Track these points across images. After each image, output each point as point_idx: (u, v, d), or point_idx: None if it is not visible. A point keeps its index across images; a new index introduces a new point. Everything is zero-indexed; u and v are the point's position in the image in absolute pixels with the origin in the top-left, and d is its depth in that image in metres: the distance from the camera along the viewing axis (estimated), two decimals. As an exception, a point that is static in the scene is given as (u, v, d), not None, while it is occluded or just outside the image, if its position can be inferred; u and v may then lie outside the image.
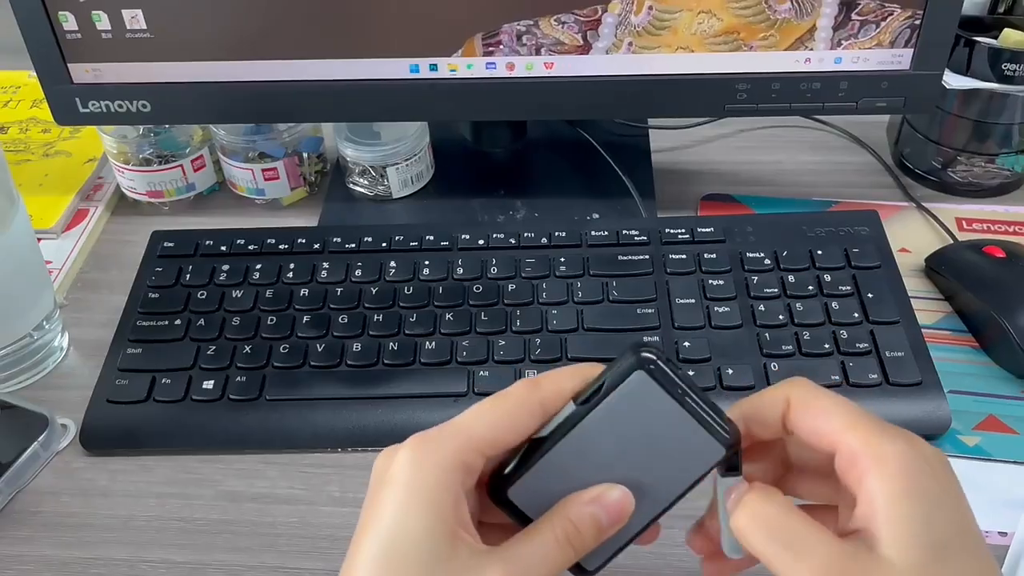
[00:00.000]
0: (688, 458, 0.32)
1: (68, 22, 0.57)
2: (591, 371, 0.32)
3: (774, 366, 0.51)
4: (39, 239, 0.57)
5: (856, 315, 0.53)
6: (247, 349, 0.53)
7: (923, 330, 0.53)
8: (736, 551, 0.33)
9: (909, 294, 0.55)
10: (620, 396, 0.31)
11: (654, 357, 0.31)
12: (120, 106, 0.60)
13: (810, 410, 0.32)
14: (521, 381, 0.32)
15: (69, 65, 0.59)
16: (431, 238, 0.59)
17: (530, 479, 0.32)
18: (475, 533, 0.31)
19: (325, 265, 0.58)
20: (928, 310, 0.56)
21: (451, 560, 0.29)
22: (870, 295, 0.54)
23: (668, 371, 0.31)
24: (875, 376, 0.50)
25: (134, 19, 0.57)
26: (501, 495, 0.32)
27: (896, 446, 0.30)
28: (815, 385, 0.33)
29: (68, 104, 0.60)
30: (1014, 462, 0.48)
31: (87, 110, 0.60)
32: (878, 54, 0.56)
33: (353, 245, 0.59)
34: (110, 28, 0.57)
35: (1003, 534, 0.45)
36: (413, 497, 0.30)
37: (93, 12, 0.56)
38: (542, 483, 0.32)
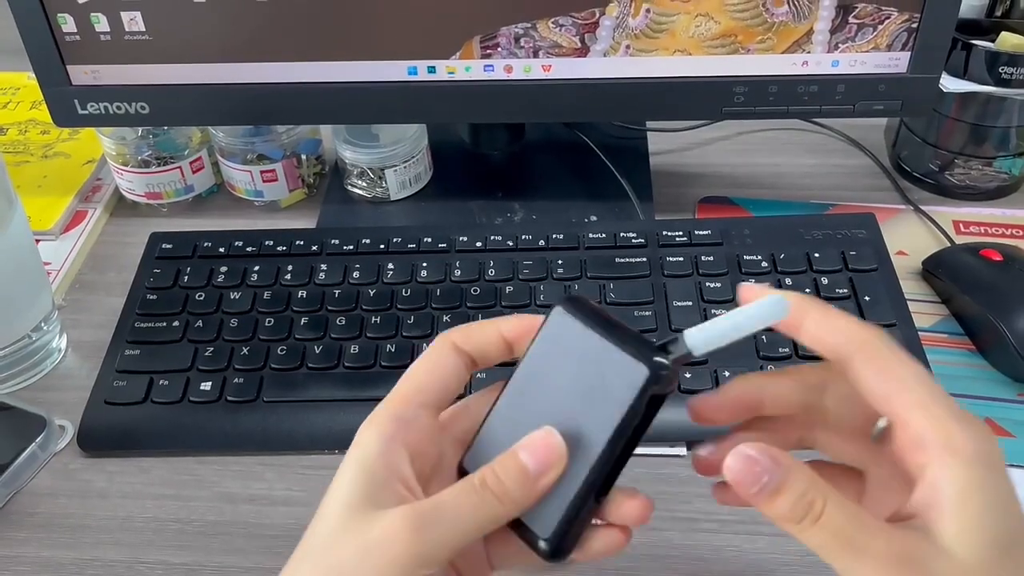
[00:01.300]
0: (618, 390, 0.30)
1: (67, 24, 0.57)
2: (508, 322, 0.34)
3: (771, 368, 0.51)
4: (37, 240, 0.57)
5: (853, 318, 0.53)
6: (245, 350, 0.54)
7: (920, 333, 0.53)
8: None
9: (906, 297, 0.55)
10: (544, 338, 0.31)
11: (576, 297, 0.32)
12: (119, 108, 0.60)
13: (882, 370, 0.29)
14: (439, 337, 0.34)
15: (68, 67, 0.59)
16: (429, 240, 0.59)
17: (478, 445, 0.32)
18: (413, 485, 0.31)
19: (323, 267, 0.58)
20: (925, 313, 0.57)
21: (364, 511, 0.30)
22: (867, 298, 0.54)
23: (588, 305, 0.31)
24: (872, 379, 0.50)
25: (133, 21, 0.57)
26: (460, 468, 0.33)
27: (968, 436, 0.28)
28: (890, 341, 0.30)
29: (67, 106, 0.60)
30: (1011, 465, 0.48)
31: (86, 112, 0.60)
32: (875, 57, 0.56)
33: (351, 247, 0.59)
34: (109, 30, 0.57)
35: (999, 537, 0.45)
36: (347, 460, 0.31)
37: (92, 14, 0.56)
38: (489, 447, 0.31)
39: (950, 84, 0.61)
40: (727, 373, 0.51)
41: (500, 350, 0.34)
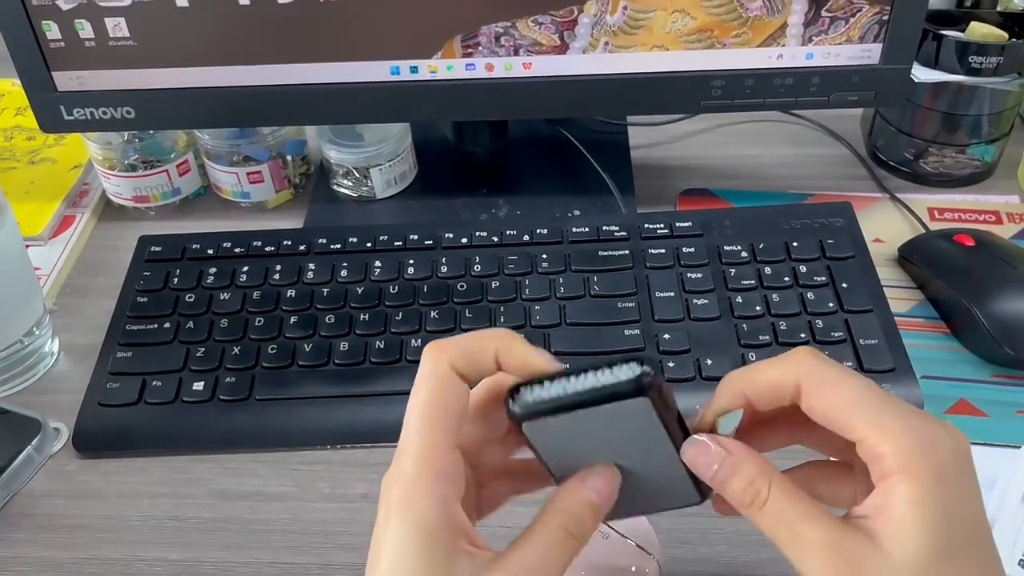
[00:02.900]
0: (665, 487, 0.33)
1: (51, 31, 0.57)
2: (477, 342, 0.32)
3: (752, 356, 0.52)
4: (27, 246, 0.57)
5: (831, 305, 0.54)
6: (236, 350, 0.54)
7: (896, 318, 0.54)
8: None
9: (882, 283, 0.56)
10: (616, 407, 0.31)
11: (657, 384, 0.30)
12: (104, 113, 0.61)
13: (827, 398, 0.30)
14: (423, 359, 0.32)
15: (53, 73, 0.59)
16: (415, 237, 0.60)
17: (549, 424, 0.31)
18: (478, 540, 0.31)
19: (311, 266, 0.59)
20: (901, 298, 0.58)
21: None
22: (844, 285, 0.55)
23: (666, 402, 0.31)
24: (850, 363, 0.51)
25: (117, 27, 0.57)
26: (519, 418, 0.31)
27: (922, 448, 0.29)
28: (825, 361, 0.31)
29: (53, 112, 0.61)
30: (985, 444, 0.49)
31: (72, 117, 0.61)
32: (848, 49, 0.58)
33: (338, 246, 0.60)
34: (93, 36, 0.58)
35: (974, 514, 0.46)
36: (401, 525, 0.29)
37: (76, 21, 0.57)
38: (553, 432, 0.31)
39: (922, 74, 0.62)
40: (709, 361, 0.52)
41: (493, 371, 0.33)
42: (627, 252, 0.58)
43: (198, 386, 0.53)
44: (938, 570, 0.28)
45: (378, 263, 0.58)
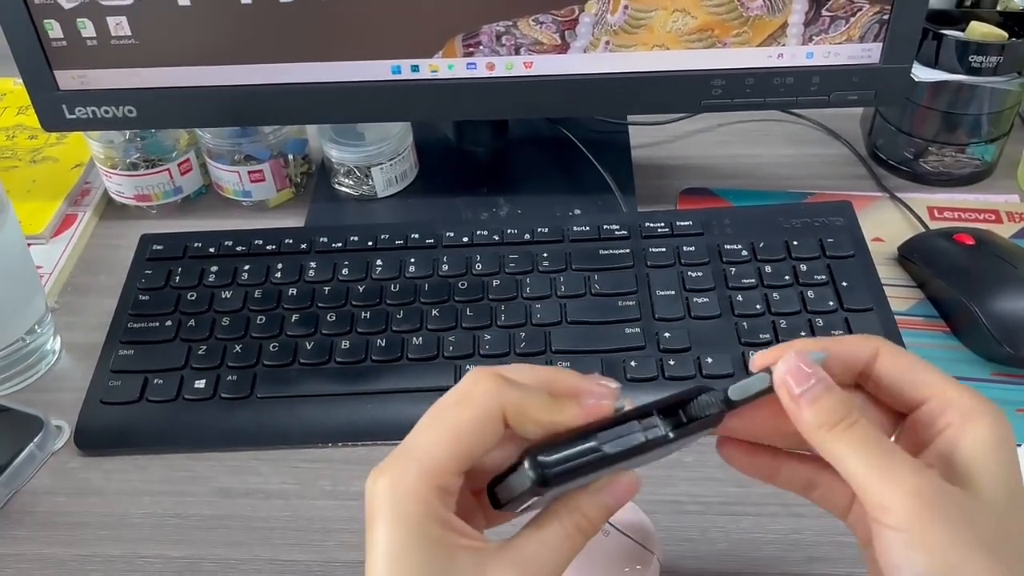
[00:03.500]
0: None
1: (53, 30, 0.58)
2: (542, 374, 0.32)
3: (752, 354, 0.52)
4: (28, 244, 0.58)
5: (831, 303, 0.54)
6: (237, 348, 0.54)
7: (896, 317, 0.54)
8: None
9: (882, 282, 0.56)
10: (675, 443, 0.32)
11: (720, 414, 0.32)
12: (106, 112, 0.61)
13: (904, 361, 0.32)
14: (479, 381, 0.30)
15: (55, 72, 0.59)
16: (416, 236, 0.60)
17: (571, 482, 0.30)
18: (476, 534, 0.30)
19: (312, 264, 0.59)
20: (901, 297, 0.58)
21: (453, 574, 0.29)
22: (844, 284, 0.55)
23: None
24: (850, 362, 0.51)
25: (119, 26, 0.57)
26: (543, 489, 0.30)
27: (988, 405, 0.31)
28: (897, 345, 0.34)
29: (55, 111, 0.61)
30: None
31: (74, 116, 0.61)
32: (848, 49, 0.58)
33: (339, 244, 0.60)
34: (95, 35, 0.58)
35: (974, 512, 0.46)
36: (399, 531, 0.29)
37: (78, 19, 0.57)
38: (571, 484, 0.31)
39: (922, 74, 0.62)
40: (709, 360, 0.52)
41: (535, 434, 0.31)
42: (628, 251, 0.58)
43: (199, 384, 0.53)
44: (1017, 516, 0.29)
45: (379, 262, 0.59)
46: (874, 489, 0.29)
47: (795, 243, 0.58)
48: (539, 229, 0.60)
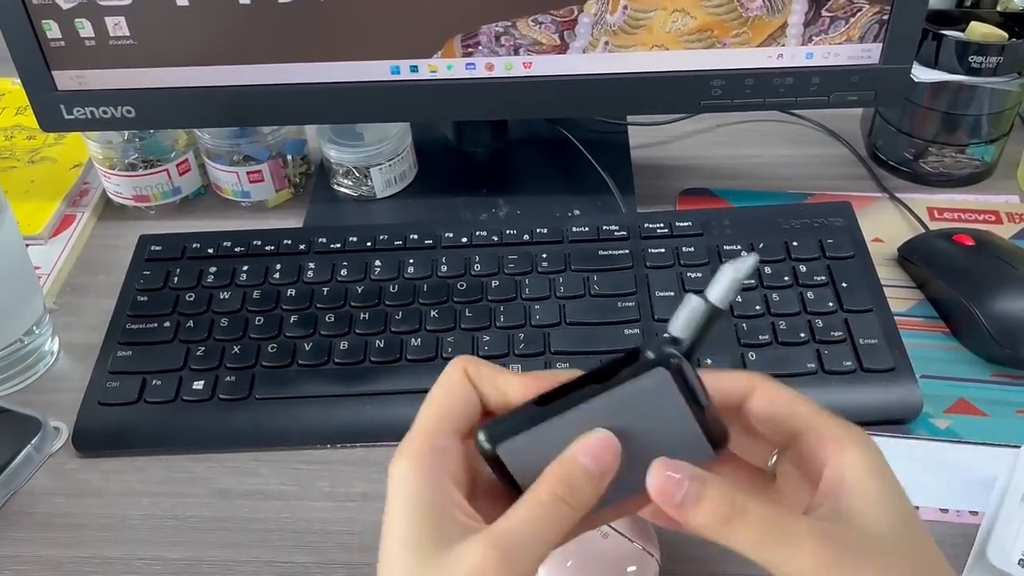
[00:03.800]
0: (679, 450, 0.32)
1: (52, 30, 0.57)
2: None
3: (751, 355, 0.52)
4: (27, 245, 0.57)
5: (831, 304, 0.54)
6: (236, 349, 0.54)
7: (896, 317, 0.54)
8: None
9: (882, 283, 0.56)
10: (638, 385, 0.32)
11: (678, 362, 0.32)
12: (105, 112, 0.61)
13: (777, 397, 0.34)
14: (451, 362, 0.34)
15: (53, 72, 0.59)
16: (415, 237, 0.60)
17: (522, 440, 0.32)
18: (470, 510, 0.31)
19: (311, 265, 0.59)
20: (901, 298, 0.58)
21: (437, 548, 0.29)
22: (844, 284, 0.55)
23: (688, 375, 0.32)
24: (849, 363, 0.51)
25: (117, 26, 0.57)
26: (490, 449, 0.32)
27: (858, 434, 0.32)
28: (772, 379, 0.35)
29: (53, 111, 0.61)
30: (984, 443, 0.49)
31: (72, 117, 0.61)
32: (848, 49, 0.58)
33: (338, 245, 0.60)
34: (93, 35, 0.58)
35: (974, 513, 0.46)
36: (396, 500, 0.31)
37: (76, 20, 0.57)
38: (534, 449, 0.32)
39: (922, 74, 0.62)
40: (709, 361, 0.52)
41: (499, 405, 0.34)
42: (627, 251, 0.58)
43: (198, 385, 0.53)
44: (912, 533, 0.30)
45: (378, 262, 0.59)
46: (779, 561, 0.29)
47: (795, 244, 0.58)
48: (538, 230, 0.60)
